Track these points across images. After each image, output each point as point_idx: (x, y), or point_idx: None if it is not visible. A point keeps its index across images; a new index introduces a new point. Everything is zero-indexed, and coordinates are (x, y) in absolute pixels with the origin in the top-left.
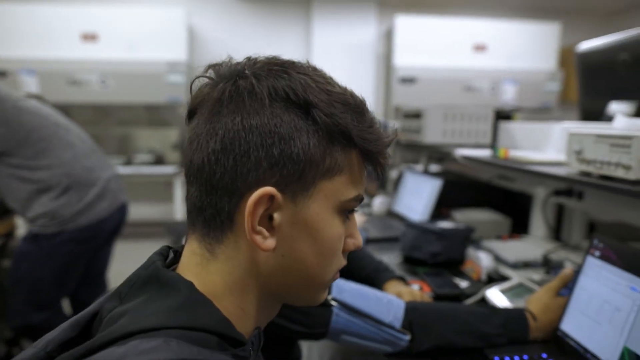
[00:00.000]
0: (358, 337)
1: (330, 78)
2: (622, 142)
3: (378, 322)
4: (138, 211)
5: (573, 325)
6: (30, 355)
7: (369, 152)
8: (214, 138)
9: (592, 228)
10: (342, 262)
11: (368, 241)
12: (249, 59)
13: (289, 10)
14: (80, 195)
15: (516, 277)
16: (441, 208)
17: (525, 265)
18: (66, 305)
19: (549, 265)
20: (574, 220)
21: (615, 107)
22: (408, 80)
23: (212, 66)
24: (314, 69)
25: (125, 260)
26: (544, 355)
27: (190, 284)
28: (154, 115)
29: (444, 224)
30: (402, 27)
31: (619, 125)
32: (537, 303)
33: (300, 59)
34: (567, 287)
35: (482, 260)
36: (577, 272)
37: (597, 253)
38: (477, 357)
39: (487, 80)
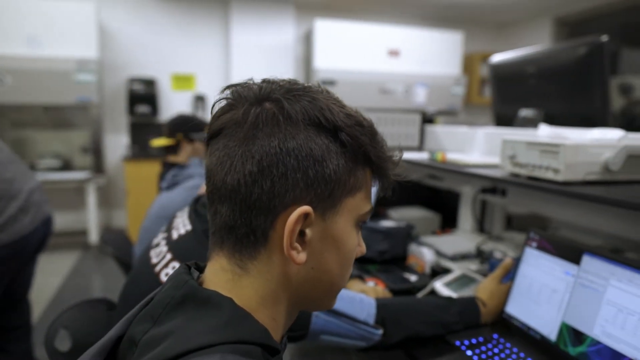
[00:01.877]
0: (336, 336)
1: (341, 100)
2: (551, 148)
3: (354, 320)
4: None
5: (516, 308)
6: None
7: (383, 170)
8: (251, 160)
9: (509, 220)
10: (352, 268)
11: None
12: (267, 81)
13: (206, 10)
14: (0, 209)
15: (457, 269)
16: (378, 207)
17: (463, 257)
18: None
19: (482, 256)
20: (495, 214)
21: (525, 113)
22: (328, 83)
23: (230, 87)
24: (327, 91)
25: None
26: (495, 335)
27: (230, 300)
28: (55, 116)
29: (387, 223)
30: (321, 31)
31: (543, 133)
32: (484, 291)
33: (219, 58)
34: (509, 275)
35: (425, 255)
36: (517, 261)
37: (534, 244)
38: (440, 343)
39: (400, 83)
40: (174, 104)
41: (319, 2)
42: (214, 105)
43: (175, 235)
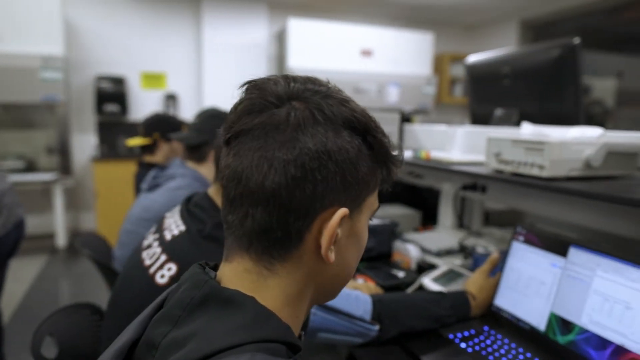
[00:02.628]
0: (333, 333)
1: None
2: (536, 146)
3: (351, 317)
4: None
5: (505, 300)
6: None
7: (392, 170)
8: (293, 164)
9: (486, 216)
10: None
11: None
12: (291, 79)
13: (176, 7)
14: None
15: (443, 264)
16: None
17: (447, 252)
18: None
19: (465, 251)
20: (474, 211)
21: (501, 112)
22: None
23: (250, 83)
24: (340, 90)
25: None
26: (486, 328)
27: (252, 299)
28: (17, 115)
29: (372, 221)
30: (294, 30)
31: (525, 132)
32: (473, 285)
33: (191, 57)
34: (496, 269)
35: (411, 251)
36: (504, 255)
37: (521, 238)
38: (434, 337)
39: (373, 83)
40: (144, 103)
41: (292, 1)
42: (241, 103)
43: (168, 236)
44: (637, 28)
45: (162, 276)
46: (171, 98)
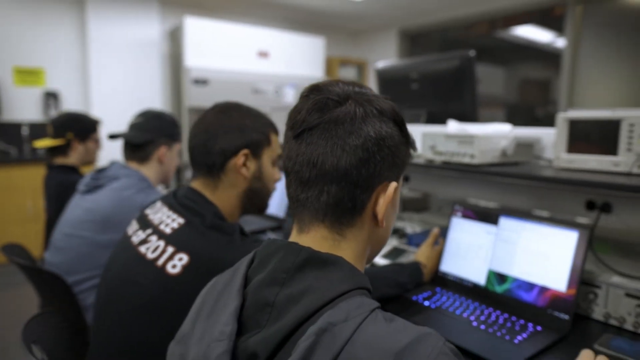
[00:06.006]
0: None
1: None
2: (467, 139)
3: None
4: None
5: (449, 266)
6: (221, 351)
7: (411, 153)
8: (360, 148)
9: (403, 203)
10: None
11: (254, 233)
12: (340, 81)
13: None
14: None
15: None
16: None
17: None
18: None
19: (399, 233)
20: None
21: (411, 112)
22: (201, 82)
23: (313, 86)
24: None
25: None
26: (438, 289)
27: (342, 258)
28: None
29: None
30: (191, 29)
31: (452, 128)
32: (422, 255)
33: (74, 52)
34: (437, 242)
35: None
36: (444, 230)
37: (459, 214)
38: (401, 301)
39: (270, 83)
40: (19, 101)
41: None
42: (307, 102)
43: (167, 229)
44: (486, 41)
45: (174, 266)
46: (52, 96)
